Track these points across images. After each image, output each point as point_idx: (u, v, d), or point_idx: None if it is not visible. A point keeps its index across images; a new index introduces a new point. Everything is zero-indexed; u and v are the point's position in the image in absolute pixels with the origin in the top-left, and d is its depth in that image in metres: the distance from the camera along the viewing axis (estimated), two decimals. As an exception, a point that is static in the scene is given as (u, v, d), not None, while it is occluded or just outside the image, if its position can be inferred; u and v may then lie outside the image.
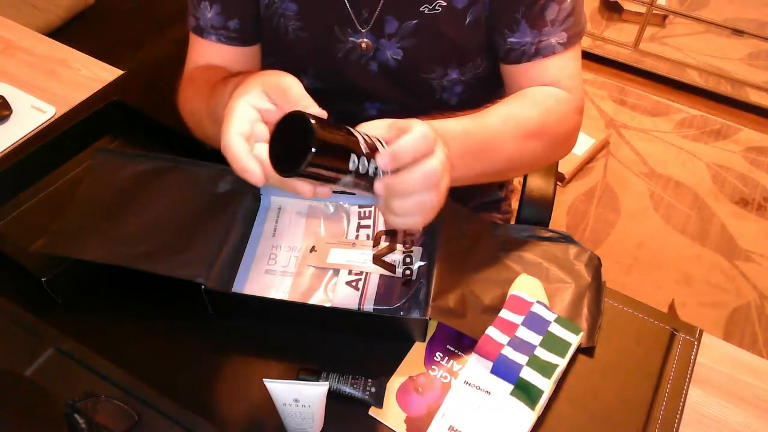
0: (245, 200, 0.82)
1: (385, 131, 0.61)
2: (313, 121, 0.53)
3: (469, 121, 0.73)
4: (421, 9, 0.80)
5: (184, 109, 0.85)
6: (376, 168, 0.58)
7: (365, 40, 0.84)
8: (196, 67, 0.88)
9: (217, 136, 0.75)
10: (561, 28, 0.80)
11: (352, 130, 0.57)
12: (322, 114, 0.58)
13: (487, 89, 0.89)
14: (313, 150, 0.52)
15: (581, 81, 0.85)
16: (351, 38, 0.84)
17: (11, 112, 1.02)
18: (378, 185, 0.58)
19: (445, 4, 0.79)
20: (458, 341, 0.75)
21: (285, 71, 0.93)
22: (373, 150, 0.57)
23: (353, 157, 0.55)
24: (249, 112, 0.60)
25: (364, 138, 0.57)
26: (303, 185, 0.58)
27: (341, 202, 0.86)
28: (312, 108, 0.59)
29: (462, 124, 0.72)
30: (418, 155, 0.59)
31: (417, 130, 0.59)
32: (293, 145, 0.53)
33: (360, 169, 0.56)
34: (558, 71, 0.82)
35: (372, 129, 0.61)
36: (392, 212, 0.61)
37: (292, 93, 0.60)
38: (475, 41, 0.84)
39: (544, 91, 0.82)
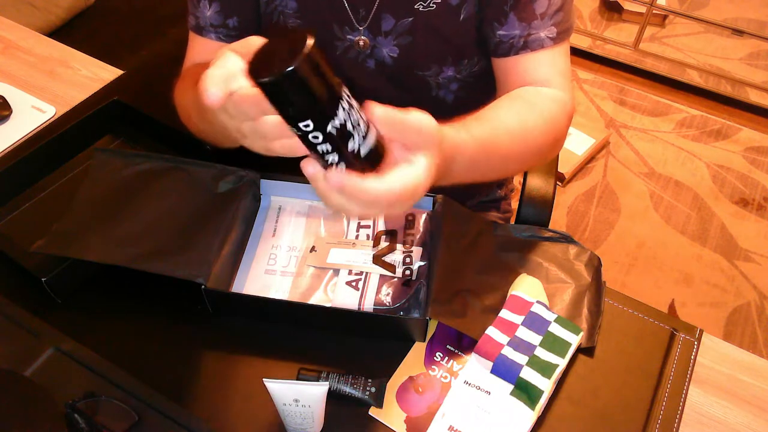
0: (245, 200, 0.82)
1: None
2: (311, 40, 0.45)
3: (480, 132, 0.69)
4: (416, 6, 0.80)
5: (177, 105, 0.85)
6: (364, 136, 0.51)
7: (363, 37, 0.84)
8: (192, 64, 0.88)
9: (206, 129, 0.75)
10: (551, 22, 0.80)
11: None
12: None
13: (484, 87, 0.89)
14: (305, 55, 0.44)
15: (570, 78, 0.85)
16: (349, 36, 0.85)
17: (11, 112, 1.02)
18: (338, 175, 0.51)
19: (440, 0, 0.80)
20: (458, 341, 0.75)
21: None
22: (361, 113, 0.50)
23: (343, 102, 0.48)
24: (231, 58, 0.56)
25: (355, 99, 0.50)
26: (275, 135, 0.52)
27: (341, 202, 0.86)
28: None
29: (473, 137, 0.67)
30: (412, 143, 0.55)
31: (422, 117, 0.55)
32: (279, 59, 0.46)
33: (345, 124, 0.49)
34: (548, 67, 0.82)
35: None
36: (347, 209, 0.55)
37: (251, 41, 0.55)
38: (469, 38, 0.84)
39: (543, 95, 0.81)
